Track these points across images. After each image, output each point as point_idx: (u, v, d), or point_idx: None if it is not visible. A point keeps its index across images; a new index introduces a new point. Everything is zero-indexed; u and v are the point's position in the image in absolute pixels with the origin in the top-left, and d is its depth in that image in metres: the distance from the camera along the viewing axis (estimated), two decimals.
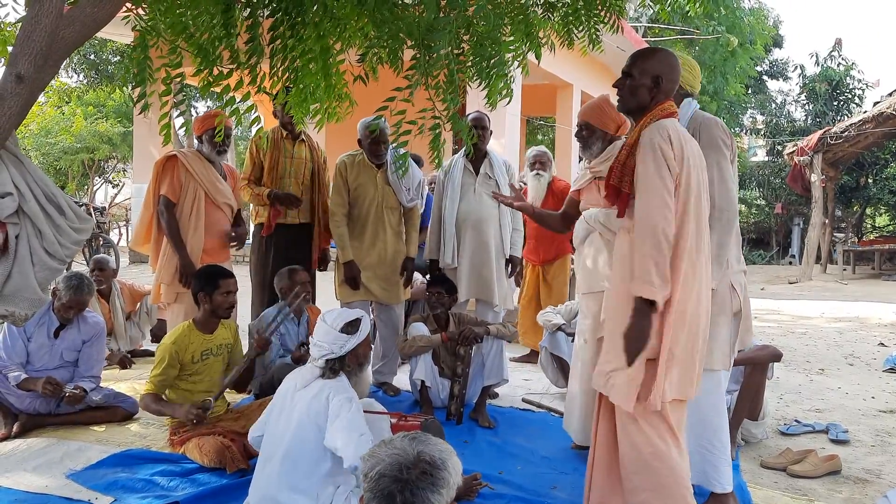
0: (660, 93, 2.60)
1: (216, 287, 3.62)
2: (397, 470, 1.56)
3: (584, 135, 3.55)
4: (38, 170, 2.76)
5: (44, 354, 3.95)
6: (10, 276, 2.63)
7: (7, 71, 2.43)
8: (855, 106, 17.89)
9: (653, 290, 2.39)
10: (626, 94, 2.65)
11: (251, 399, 4.17)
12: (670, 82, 2.63)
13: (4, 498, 2.99)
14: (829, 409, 4.65)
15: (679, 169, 2.46)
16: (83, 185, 19.14)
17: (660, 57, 2.65)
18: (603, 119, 3.52)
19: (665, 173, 2.44)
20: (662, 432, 2.51)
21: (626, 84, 2.64)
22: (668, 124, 2.52)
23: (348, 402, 2.65)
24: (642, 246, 2.43)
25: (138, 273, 10.38)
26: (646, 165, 2.47)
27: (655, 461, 2.49)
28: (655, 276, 2.38)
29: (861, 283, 12.83)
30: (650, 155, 2.46)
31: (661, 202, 2.42)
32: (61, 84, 17.23)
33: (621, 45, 11.59)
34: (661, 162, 2.44)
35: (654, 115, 2.56)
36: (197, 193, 4.36)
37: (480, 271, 4.67)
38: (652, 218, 2.42)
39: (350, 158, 4.61)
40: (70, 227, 2.75)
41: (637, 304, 2.43)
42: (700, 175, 2.54)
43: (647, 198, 2.45)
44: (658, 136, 2.47)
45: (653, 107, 2.59)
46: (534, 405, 4.54)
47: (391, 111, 2.86)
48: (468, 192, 4.66)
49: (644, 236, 2.43)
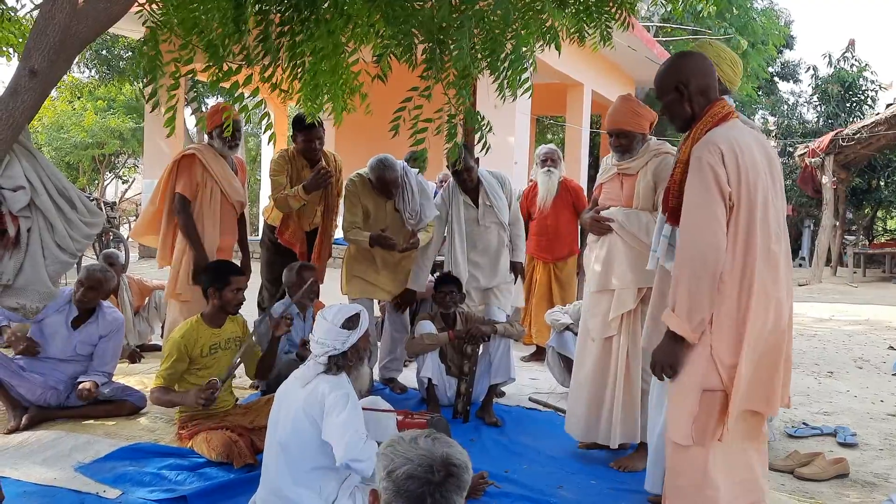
0: (694, 96, 2.50)
1: (226, 283, 3.63)
2: (428, 472, 1.55)
3: (623, 143, 3.43)
4: (50, 164, 2.78)
5: (58, 342, 3.97)
6: (21, 269, 2.65)
7: (21, 65, 2.45)
8: (867, 108, 17.76)
9: (684, 325, 2.34)
10: (669, 117, 2.57)
11: (258, 395, 4.19)
12: (697, 79, 2.50)
13: (13, 490, 3.00)
14: (838, 413, 4.63)
15: (735, 185, 2.33)
16: (94, 179, 19.25)
17: (674, 64, 2.57)
18: (638, 121, 3.43)
19: (713, 196, 2.32)
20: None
21: (664, 109, 2.57)
22: (720, 136, 2.38)
23: (344, 399, 2.63)
24: (680, 274, 2.36)
25: (147, 268, 10.43)
26: (691, 188, 2.36)
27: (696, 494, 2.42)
28: (690, 310, 2.33)
29: (871, 286, 12.76)
30: (698, 176, 2.34)
31: (708, 229, 2.32)
32: (73, 79, 17.32)
33: (633, 44, 11.57)
34: (709, 183, 2.32)
35: (705, 125, 2.45)
36: (213, 191, 4.35)
37: (489, 286, 4.66)
38: (694, 245, 2.33)
39: (360, 180, 4.56)
40: (81, 221, 2.77)
41: (670, 331, 2.39)
42: (766, 183, 2.40)
43: (690, 223, 2.36)
44: (707, 154, 2.34)
45: (700, 114, 2.49)
46: (540, 404, 4.54)
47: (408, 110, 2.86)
48: (472, 225, 4.61)
49: (684, 265, 2.35)
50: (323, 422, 2.61)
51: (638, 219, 3.38)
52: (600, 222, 3.47)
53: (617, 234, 3.42)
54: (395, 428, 3.00)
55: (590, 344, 3.55)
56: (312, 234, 4.79)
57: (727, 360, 2.35)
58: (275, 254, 4.81)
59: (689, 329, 2.35)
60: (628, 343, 3.42)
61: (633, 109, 3.45)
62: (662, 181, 3.33)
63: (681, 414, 2.41)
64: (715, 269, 2.32)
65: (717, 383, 2.37)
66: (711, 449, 2.39)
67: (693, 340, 2.37)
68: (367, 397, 3.04)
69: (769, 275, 2.38)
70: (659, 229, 2.87)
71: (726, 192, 2.33)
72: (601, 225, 3.47)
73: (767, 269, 2.38)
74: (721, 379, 2.36)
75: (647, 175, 3.40)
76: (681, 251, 2.39)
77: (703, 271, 2.32)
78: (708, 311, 2.34)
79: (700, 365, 2.38)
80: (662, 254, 2.84)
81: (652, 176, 3.39)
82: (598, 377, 3.50)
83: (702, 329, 2.36)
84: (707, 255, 2.32)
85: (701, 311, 2.34)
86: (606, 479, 3.36)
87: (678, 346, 2.40)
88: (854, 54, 18.09)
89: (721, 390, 2.37)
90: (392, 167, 4.39)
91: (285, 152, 4.68)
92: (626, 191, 3.46)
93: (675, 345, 2.39)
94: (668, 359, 2.41)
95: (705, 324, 2.36)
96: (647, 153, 3.43)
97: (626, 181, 3.47)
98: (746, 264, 2.35)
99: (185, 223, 4.28)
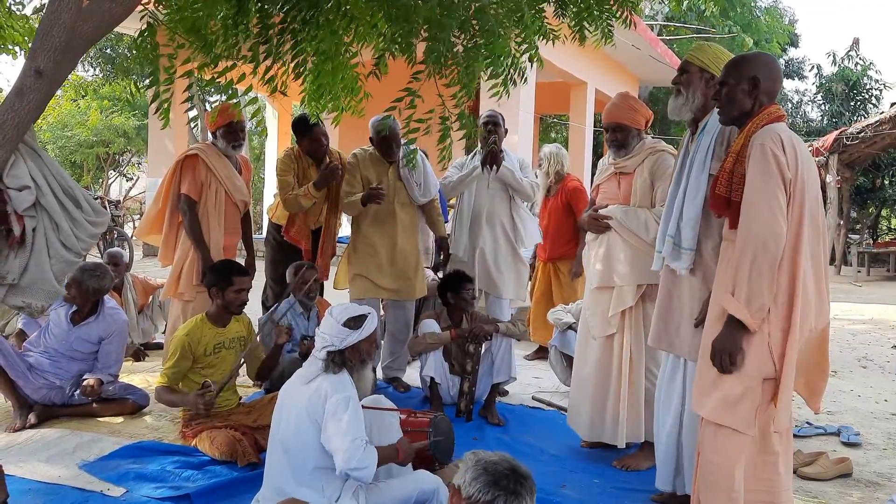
0: (761, 94, 2.52)
1: (230, 284, 3.64)
2: (522, 477, 1.89)
3: (619, 137, 3.48)
4: (55, 163, 2.79)
5: (59, 334, 3.99)
6: (27, 268, 2.66)
7: (26, 65, 2.46)
8: (872, 106, 17.73)
9: (744, 311, 2.35)
10: (725, 103, 2.56)
11: (262, 393, 4.20)
12: (769, 82, 2.53)
13: (18, 488, 3.02)
14: (841, 412, 4.62)
15: (793, 176, 2.37)
16: (98, 178, 19.29)
17: (754, 58, 2.59)
18: (634, 116, 3.48)
19: (776, 183, 2.35)
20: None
21: (722, 93, 2.57)
22: (780, 128, 2.43)
23: (345, 403, 2.61)
24: (743, 261, 2.37)
25: (151, 266, 10.45)
26: (755, 174, 2.37)
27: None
28: (750, 295, 2.35)
29: (876, 285, 12.72)
30: (761, 162, 2.36)
31: (770, 215, 2.34)
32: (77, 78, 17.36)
33: (636, 43, 11.56)
34: (772, 170, 2.35)
35: (761, 120, 2.47)
36: (217, 192, 4.36)
37: (491, 264, 4.69)
38: (759, 232, 2.34)
39: (363, 153, 4.62)
40: (86, 220, 2.78)
41: (730, 317, 2.40)
42: (816, 181, 2.46)
43: (754, 210, 2.37)
44: (770, 141, 2.37)
45: (757, 112, 2.51)
46: (543, 403, 4.55)
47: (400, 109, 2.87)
48: (482, 188, 4.69)
49: (746, 251, 2.36)
50: (323, 425, 2.62)
51: (636, 216, 3.40)
52: (599, 220, 3.48)
53: (616, 231, 3.44)
54: (397, 427, 3.00)
55: (591, 342, 3.56)
56: (317, 232, 4.80)
57: (779, 348, 2.39)
58: (280, 252, 4.82)
59: (749, 315, 2.36)
60: (631, 341, 3.43)
61: (629, 105, 3.51)
62: (659, 178, 3.36)
63: (739, 402, 2.42)
64: (775, 254, 2.35)
65: (772, 371, 2.41)
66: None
67: (753, 327, 2.38)
68: (370, 395, 3.04)
69: (812, 270, 2.43)
70: (664, 229, 2.88)
71: (788, 179, 2.37)
72: (599, 223, 3.48)
73: (811, 264, 2.43)
74: (775, 367, 2.40)
75: (643, 173, 3.43)
76: (742, 236, 2.40)
77: (763, 256, 2.34)
78: (768, 297, 2.36)
79: (761, 353, 2.41)
80: (668, 254, 2.85)
81: (648, 173, 3.42)
82: (601, 375, 3.51)
83: (762, 315, 2.37)
84: (768, 240, 2.34)
85: (761, 296, 2.35)
86: (610, 478, 3.37)
87: (739, 334, 2.40)
88: (859, 53, 18.05)
89: (773, 378, 2.41)
90: (394, 122, 4.34)
91: (291, 151, 4.69)
92: (623, 189, 3.49)
93: (736, 332, 2.40)
94: (728, 347, 2.41)
95: (765, 311, 2.37)
96: (643, 151, 3.46)
97: (623, 180, 3.50)
98: (797, 251, 2.38)
99: (191, 224, 4.29)
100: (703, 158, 2.80)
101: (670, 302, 2.93)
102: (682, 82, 2.95)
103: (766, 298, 2.36)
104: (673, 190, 2.91)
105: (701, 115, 2.92)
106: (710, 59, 2.92)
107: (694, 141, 2.89)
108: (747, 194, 2.40)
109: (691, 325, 2.83)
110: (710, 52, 2.96)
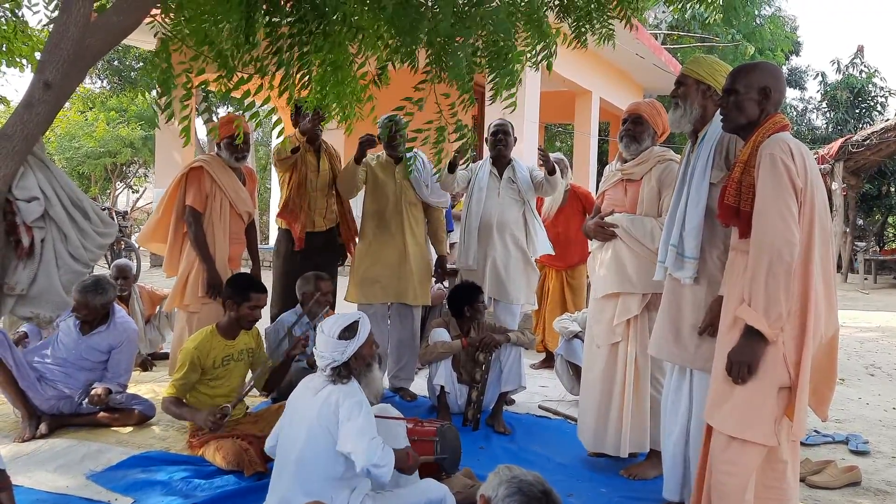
0: (769, 105, 2.53)
1: (247, 299, 3.63)
2: (555, 502, 2.05)
3: (635, 129, 3.48)
4: (63, 175, 2.81)
5: (68, 343, 4.00)
6: (35, 279, 2.68)
7: (35, 78, 2.48)
8: (877, 114, 17.72)
9: (762, 321, 2.34)
10: (733, 111, 2.57)
11: (269, 403, 4.20)
12: (778, 93, 2.55)
13: (26, 498, 3.02)
14: (850, 420, 4.60)
15: (803, 184, 2.37)
16: (105, 189, 19.39)
17: (764, 68, 2.60)
18: (655, 118, 3.50)
19: (787, 191, 2.35)
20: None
21: (730, 101, 2.57)
22: (787, 137, 2.44)
23: (358, 406, 2.64)
24: (758, 271, 2.36)
25: (158, 276, 10.48)
26: (766, 183, 2.37)
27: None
28: (768, 305, 2.34)
29: (883, 293, 12.67)
30: (771, 172, 2.37)
31: (784, 224, 2.34)
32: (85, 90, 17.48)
33: (640, 51, 11.58)
34: (783, 179, 2.35)
35: (768, 130, 2.48)
36: (222, 203, 4.37)
37: (503, 272, 4.67)
38: (773, 241, 2.34)
39: (370, 155, 4.66)
40: (95, 231, 2.80)
41: (746, 328, 2.39)
42: (823, 189, 2.46)
43: (767, 219, 2.36)
44: (779, 151, 2.38)
45: (763, 121, 2.52)
46: (550, 412, 4.54)
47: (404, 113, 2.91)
48: (492, 195, 4.68)
49: (761, 260, 2.36)
50: (338, 431, 2.62)
51: (643, 224, 3.39)
52: (604, 228, 3.49)
53: (621, 239, 3.43)
54: (404, 435, 3.00)
55: (596, 350, 3.55)
56: (329, 233, 4.82)
57: (793, 356, 2.38)
58: (290, 263, 4.79)
59: (767, 325, 2.35)
60: (636, 350, 3.42)
61: (656, 108, 3.55)
62: (667, 187, 3.35)
63: (759, 414, 2.41)
64: (790, 262, 2.34)
65: (787, 380, 2.39)
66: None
67: (772, 337, 2.36)
68: (377, 405, 3.04)
69: (822, 277, 2.42)
70: (666, 239, 2.89)
71: (798, 187, 2.37)
72: (605, 231, 3.49)
73: (825, 272, 2.43)
74: (790, 375, 2.39)
75: (651, 181, 3.43)
76: (755, 246, 2.39)
77: (778, 265, 2.33)
78: (784, 306, 2.35)
79: (776, 362, 2.40)
80: (671, 264, 2.85)
81: (656, 182, 3.41)
82: (605, 384, 3.50)
83: (780, 325, 2.36)
84: (782, 248, 2.34)
85: (778, 305, 2.34)
86: (617, 487, 3.35)
87: (757, 345, 2.39)
88: (863, 60, 18.05)
89: (788, 387, 2.40)
90: (399, 119, 4.29)
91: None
92: (629, 196, 3.48)
93: (754, 343, 2.39)
94: (746, 358, 2.39)
95: (783, 320, 2.36)
96: (651, 159, 3.46)
97: (630, 187, 3.50)
98: (808, 259, 2.38)
99: (196, 236, 4.31)
100: (703, 168, 2.82)
101: (673, 311, 2.92)
102: (680, 95, 2.98)
103: (783, 307, 2.35)
104: (675, 199, 2.92)
105: (700, 126, 2.94)
106: (706, 71, 2.95)
107: (694, 151, 2.91)
108: (759, 204, 2.40)
109: (695, 333, 2.82)
110: (705, 63, 2.99)
